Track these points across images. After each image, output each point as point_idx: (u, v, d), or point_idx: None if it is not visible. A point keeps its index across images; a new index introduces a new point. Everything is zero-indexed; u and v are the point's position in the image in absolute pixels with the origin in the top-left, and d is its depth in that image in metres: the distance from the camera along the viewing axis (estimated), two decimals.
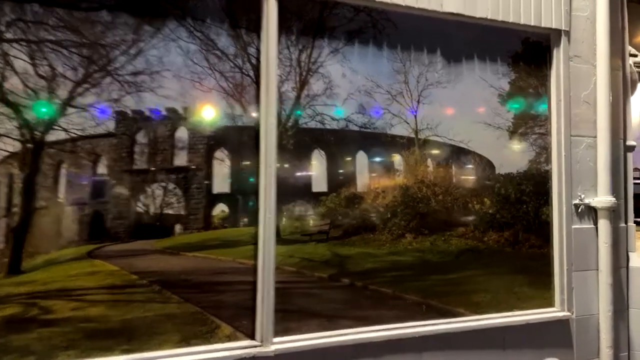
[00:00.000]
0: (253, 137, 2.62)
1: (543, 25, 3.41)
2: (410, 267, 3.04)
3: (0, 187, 2.23)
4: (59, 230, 2.34)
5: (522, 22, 3.30)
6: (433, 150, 3.17)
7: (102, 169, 2.41)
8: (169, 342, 2.41)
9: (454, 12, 3.05)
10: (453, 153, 3.21)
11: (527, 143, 3.51)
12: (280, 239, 2.65)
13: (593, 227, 3.48)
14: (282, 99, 2.75)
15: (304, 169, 2.82)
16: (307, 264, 2.78)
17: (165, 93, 2.52)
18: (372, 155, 2.99)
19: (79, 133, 2.35)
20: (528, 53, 3.48)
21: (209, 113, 2.60)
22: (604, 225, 3.45)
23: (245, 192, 2.68)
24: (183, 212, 2.51)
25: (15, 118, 2.25)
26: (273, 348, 2.56)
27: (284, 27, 2.73)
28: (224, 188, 2.64)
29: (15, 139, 2.26)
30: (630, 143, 3.76)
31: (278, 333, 2.62)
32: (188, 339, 2.44)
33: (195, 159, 2.52)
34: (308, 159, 2.83)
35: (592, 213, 3.48)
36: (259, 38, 2.68)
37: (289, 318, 2.67)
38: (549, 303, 3.41)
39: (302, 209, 2.79)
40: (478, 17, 3.13)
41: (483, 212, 3.29)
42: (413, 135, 3.10)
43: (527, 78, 3.49)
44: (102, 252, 2.38)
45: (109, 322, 2.34)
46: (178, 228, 2.54)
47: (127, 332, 2.37)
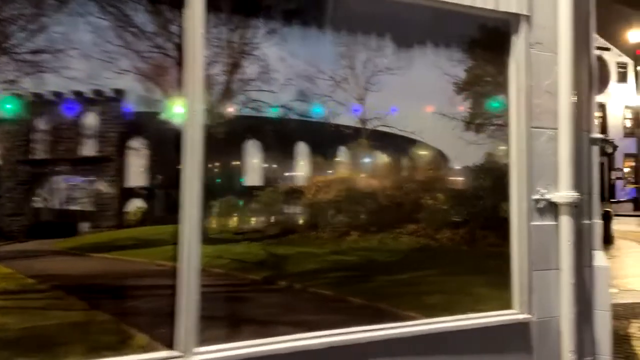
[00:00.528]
0: (175, 124, 2.36)
1: (501, 9, 3.20)
2: (356, 267, 2.81)
3: None
4: None
5: (478, 5, 3.08)
6: (382, 142, 2.93)
7: None
8: (74, 353, 2.14)
9: None
10: (404, 145, 2.99)
11: (484, 135, 3.30)
12: (207, 238, 2.39)
13: (554, 224, 3.28)
14: (210, 83, 2.49)
15: (236, 161, 2.56)
16: (238, 266, 2.53)
17: (72, 74, 2.25)
18: (314, 147, 2.75)
19: None
20: (486, 39, 3.28)
21: (123, 97, 2.33)
22: (566, 222, 3.26)
23: (166, 185, 2.42)
24: (90, 208, 2.23)
25: None
26: (196, 359, 2.31)
27: (213, 3, 2.47)
28: (140, 181, 2.37)
29: None
30: (596, 135, 3.58)
31: (203, 342, 2.36)
32: (97, 350, 2.17)
33: (106, 149, 2.25)
34: (240, 150, 2.57)
35: (553, 209, 3.29)
36: (183, 15, 2.41)
37: (217, 325, 2.42)
38: (508, 305, 3.20)
39: (233, 205, 2.54)
40: None
41: (436, 208, 3.07)
42: (360, 126, 2.87)
43: (485, 66, 3.29)
44: None
45: (3, 331, 2.06)
46: (84, 226, 2.27)
47: (24, 342, 2.09)
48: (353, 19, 2.86)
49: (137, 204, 2.36)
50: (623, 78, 29.73)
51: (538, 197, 3.25)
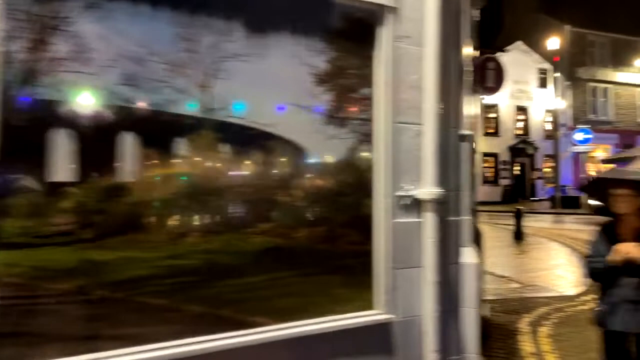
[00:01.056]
0: None
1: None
2: (195, 272, 2.55)
3: None
4: None
5: None
6: (230, 134, 2.70)
7: None
8: None
9: None
10: (255, 137, 2.77)
11: (347, 129, 3.16)
12: None
13: (418, 220, 3.21)
14: (7, 61, 2.13)
15: (40, 151, 2.22)
16: (41, 274, 2.19)
17: None
18: (145, 138, 2.45)
19: None
20: (350, 30, 3.14)
21: None
22: (430, 219, 3.20)
23: None
24: None
25: None
26: None
27: None
28: None
29: None
30: (464, 132, 3.56)
31: None
32: None
33: None
34: (46, 139, 2.23)
35: (417, 206, 3.22)
36: None
37: (11, 344, 2.07)
38: (370, 305, 3.09)
39: (35, 204, 2.19)
40: None
41: (293, 205, 2.88)
42: (204, 116, 2.62)
43: (349, 58, 3.16)
44: None
45: None
46: None
47: None
48: None
49: None
50: (544, 83, 31.69)
51: (402, 193, 3.17)
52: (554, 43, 25.13)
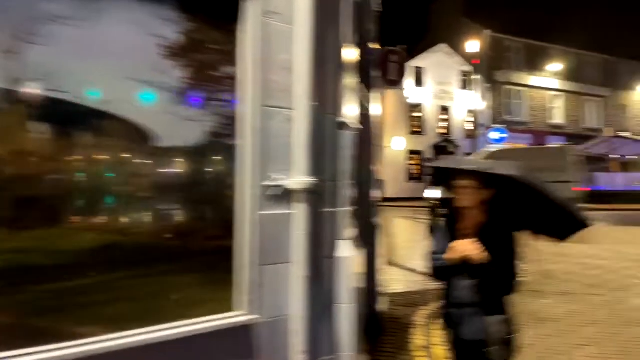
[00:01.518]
0: None
1: None
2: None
3: None
4: None
5: None
6: (49, 111, 2.27)
7: None
8: None
9: None
10: (84, 116, 2.37)
11: (206, 111, 2.84)
12: None
13: (288, 212, 2.97)
14: None
15: None
16: None
17: None
18: None
19: None
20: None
21: None
22: (301, 210, 2.97)
23: None
24: None
25: None
26: None
27: None
28: None
29: None
30: (343, 120, 3.38)
31: None
32: None
33: None
34: None
35: (288, 197, 2.97)
36: None
37: None
38: (230, 306, 2.80)
39: None
40: None
41: (134, 196, 2.52)
42: (10, 87, 2.18)
43: (209, 31, 2.83)
44: None
45: None
46: None
47: None
48: None
49: None
50: (466, 85, 33.32)
51: (271, 183, 2.91)
52: (474, 46, 26.42)
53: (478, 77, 31.27)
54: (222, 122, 2.87)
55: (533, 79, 35.43)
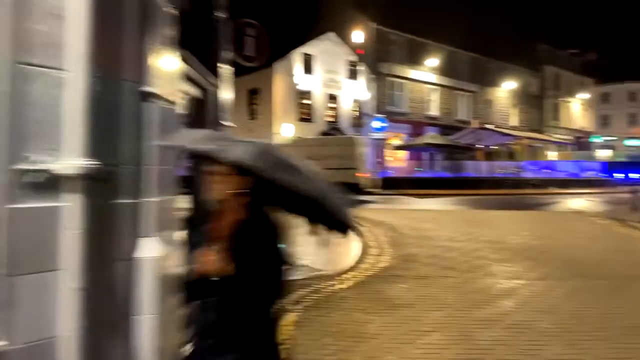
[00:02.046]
0: None
1: None
2: None
3: None
4: None
5: None
6: None
7: None
8: None
9: None
10: None
11: None
12: None
13: (56, 205, 2.28)
14: None
15: None
16: None
17: None
18: None
19: None
20: None
21: None
22: (74, 202, 2.30)
23: None
24: None
25: None
26: None
27: None
28: None
29: None
30: (148, 89, 2.76)
31: None
32: None
33: None
34: None
35: (55, 185, 2.28)
36: None
37: None
38: None
39: None
40: None
41: None
42: None
43: None
44: None
45: None
46: None
47: None
48: None
49: None
50: (353, 75, 34.20)
51: (27, 166, 2.19)
52: (359, 36, 27.08)
53: (363, 67, 32.29)
54: None
55: (413, 73, 37.68)
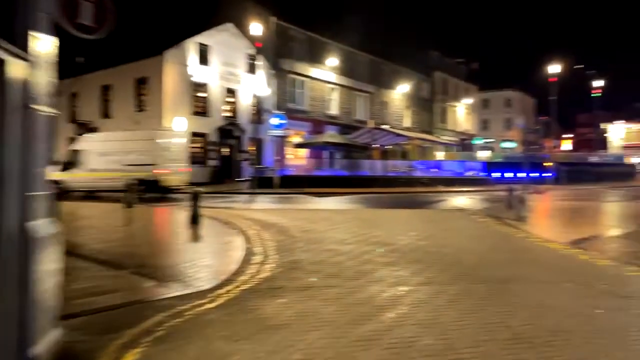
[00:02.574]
0: None
1: None
2: None
3: None
4: None
5: None
6: None
7: None
8: None
9: None
10: None
11: None
12: None
13: None
14: None
15: None
16: None
17: None
18: None
19: None
20: None
21: None
22: None
23: None
24: None
25: None
26: None
27: None
28: None
29: None
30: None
31: None
32: None
33: None
34: None
35: None
36: None
37: None
38: None
39: None
40: None
41: None
42: None
43: None
44: None
45: None
46: None
47: None
48: None
49: None
50: (253, 69, 32.99)
51: None
52: (257, 29, 26.03)
53: (262, 62, 31.28)
54: None
55: (314, 71, 37.62)
